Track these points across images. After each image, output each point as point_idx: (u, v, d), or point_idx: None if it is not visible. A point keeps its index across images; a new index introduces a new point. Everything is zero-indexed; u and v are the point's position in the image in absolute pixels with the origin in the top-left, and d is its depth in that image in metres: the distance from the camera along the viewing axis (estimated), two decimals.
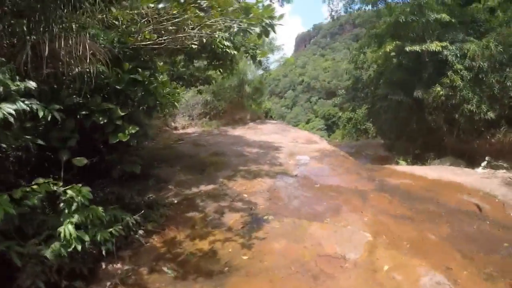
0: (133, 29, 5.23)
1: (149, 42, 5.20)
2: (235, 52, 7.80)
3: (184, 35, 5.26)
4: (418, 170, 11.39)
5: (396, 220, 6.34)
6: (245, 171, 9.90)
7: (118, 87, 5.17)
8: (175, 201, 6.60)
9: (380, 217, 6.52)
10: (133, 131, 4.99)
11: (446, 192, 8.55)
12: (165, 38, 5.14)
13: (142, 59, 5.77)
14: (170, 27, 5.00)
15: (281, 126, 22.29)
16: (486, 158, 12.25)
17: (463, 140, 13.08)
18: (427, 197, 8.02)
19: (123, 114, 5.00)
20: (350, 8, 18.08)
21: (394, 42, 13.51)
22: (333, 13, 18.43)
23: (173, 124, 18.48)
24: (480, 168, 11.96)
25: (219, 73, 11.76)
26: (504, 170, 11.15)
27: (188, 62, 9.46)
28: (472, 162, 12.73)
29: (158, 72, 5.96)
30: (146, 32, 5.16)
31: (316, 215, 6.60)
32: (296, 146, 14.96)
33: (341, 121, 34.35)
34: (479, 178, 10.05)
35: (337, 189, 8.78)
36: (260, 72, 24.20)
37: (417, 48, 12.97)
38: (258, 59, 8.84)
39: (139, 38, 5.15)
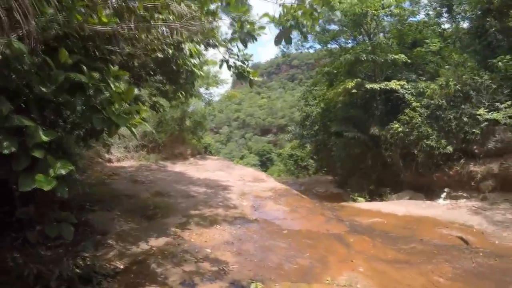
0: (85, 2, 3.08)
1: (106, 29, 3.09)
2: (201, 74, 6.46)
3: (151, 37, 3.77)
4: (383, 206, 11.03)
5: (394, 266, 5.80)
6: (199, 216, 8.34)
7: (45, 91, 2.89)
8: (121, 267, 4.70)
9: (375, 265, 5.85)
10: (63, 172, 2.70)
11: (422, 227, 8.29)
12: (131, 25, 3.31)
13: (92, 53, 3.60)
14: (141, 12, 3.32)
15: (224, 163, 20.97)
16: (445, 190, 12.46)
17: (421, 174, 13.00)
18: (407, 235, 7.62)
19: (47, 139, 2.77)
20: (302, 46, 17.95)
21: (355, 80, 13.26)
22: (284, 49, 18.10)
23: (106, 155, 16.21)
24: (441, 199, 12.24)
25: (165, 100, 10.31)
26: (465, 200, 11.42)
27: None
28: (430, 194, 12.90)
29: (111, 78, 3.19)
30: (103, 14, 3.10)
31: (307, 273, 5.38)
32: (245, 184, 13.71)
33: (281, 158, 33.75)
34: (446, 210, 10.11)
35: (309, 234, 7.79)
36: (202, 104, 22.88)
37: (376, 86, 12.82)
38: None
39: (90, 20, 3.04)
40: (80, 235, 5.70)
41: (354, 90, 13.57)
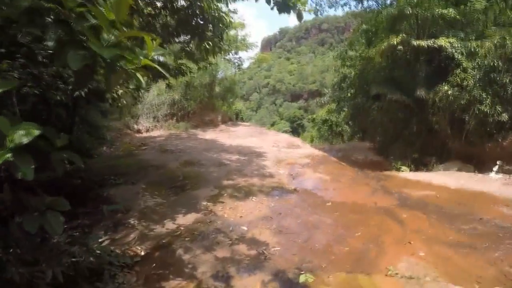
0: None
1: None
2: (230, 20, 5.42)
3: None
4: (433, 177, 9.85)
5: (458, 251, 4.86)
6: (232, 187, 7.57)
7: None
8: (141, 253, 3.99)
9: (436, 249, 4.88)
10: (25, 141, 1.68)
11: (479, 204, 7.24)
12: None
13: None
14: None
15: (256, 129, 20.13)
16: (498, 162, 10.94)
17: (471, 143, 11.53)
18: (464, 213, 6.62)
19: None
20: (335, 2, 16.34)
21: (400, 35, 11.70)
22: (317, 7, 16.47)
23: (135, 126, 15.74)
24: (493, 173, 10.83)
25: (192, 63, 9.35)
26: None
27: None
28: (480, 166, 11.38)
29: None
30: None
31: (361, 258, 4.47)
32: (280, 151, 12.85)
33: (314, 123, 32.38)
34: (502, 185, 8.98)
35: (356, 208, 6.88)
36: (232, 70, 21.84)
37: (423, 43, 11.27)
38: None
39: None
40: (101, 213, 5.08)
41: (399, 47, 12.05)
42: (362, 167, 12.06)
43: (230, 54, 21.20)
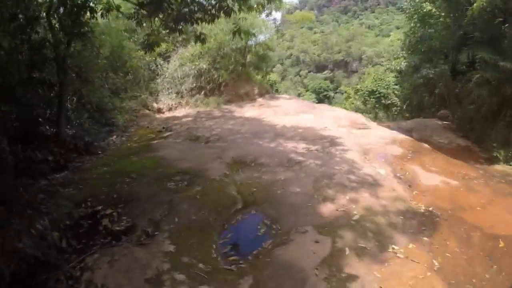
0: None
1: None
2: None
3: None
4: None
5: None
6: (343, 223, 4.17)
7: None
8: None
9: None
10: None
11: None
12: None
13: None
14: None
15: (303, 103, 16.51)
16: None
17: None
18: None
19: None
20: None
21: None
22: None
23: (155, 105, 12.32)
24: None
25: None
26: None
27: None
28: None
29: None
30: None
31: None
32: (352, 133, 9.36)
33: (359, 95, 28.20)
34: None
35: None
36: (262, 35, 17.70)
37: None
38: None
39: None
40: None
41: None
42: (454, 155, 8.34)
43: (264, 13, 17.30)
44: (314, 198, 4.76)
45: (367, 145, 7.96)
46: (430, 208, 4.81)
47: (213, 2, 5.25)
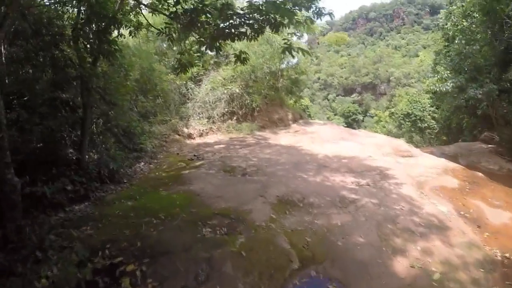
0: None
1: None
2: None
3: None
4: None
5: None
6: None
7: None
8: None
9: None
10: None
11: None
12: None
13: None
14: None
15: (340, 128, 15.63)
16: None
17: None
18: None
19: None
20: None
21: None
22: None
23: (185, 130, 11.72)
24: None
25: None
26: None
27: None
28: None
29: None
30: None
31: None
32: (399, 163, 8.38)
33: (394, 118, 27.09)
34: None
35: None
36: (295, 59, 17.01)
37: None
38: None
39: None
40: None
41: None
42: (510, 184, 7.24)
43: (296, 35, 16.74)
44: (383, 251, 3.86)
45: (419, 177, 7.03)
46: (507, 255, 3.94)
47: (257, 16, 4.58)
